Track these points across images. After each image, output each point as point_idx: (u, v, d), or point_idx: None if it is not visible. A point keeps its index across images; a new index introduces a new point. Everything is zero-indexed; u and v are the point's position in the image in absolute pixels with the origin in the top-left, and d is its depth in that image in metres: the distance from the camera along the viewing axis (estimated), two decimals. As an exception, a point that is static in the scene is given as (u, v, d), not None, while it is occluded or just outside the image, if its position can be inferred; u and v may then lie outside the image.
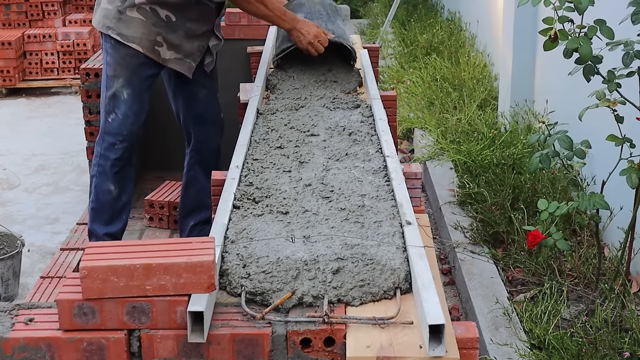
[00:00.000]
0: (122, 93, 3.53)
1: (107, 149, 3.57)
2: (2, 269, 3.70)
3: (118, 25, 3.49)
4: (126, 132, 3.55)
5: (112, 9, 3.51)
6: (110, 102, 3.54)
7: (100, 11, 3.56)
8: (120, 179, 3.62)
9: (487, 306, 3.49)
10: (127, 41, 3.48)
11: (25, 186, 5.33)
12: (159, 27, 3.49)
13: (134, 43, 3.48)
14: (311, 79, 3.45)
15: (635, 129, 3.19)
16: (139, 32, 3.48)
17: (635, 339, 3.01)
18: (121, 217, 3.70)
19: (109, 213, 3.65)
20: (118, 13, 3.49)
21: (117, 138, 3.56)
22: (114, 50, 3.53)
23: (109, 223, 3.66)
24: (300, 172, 2.49)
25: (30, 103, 7.43)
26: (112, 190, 3.62)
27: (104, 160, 3.59)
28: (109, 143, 3.57)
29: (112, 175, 3.60)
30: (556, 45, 3.08)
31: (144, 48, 3.50)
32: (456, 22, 8.17)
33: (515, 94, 5.40)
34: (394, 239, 2.04)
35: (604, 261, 3.61)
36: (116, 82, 3.53)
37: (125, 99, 3.53)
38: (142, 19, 3.48)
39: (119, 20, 3.49)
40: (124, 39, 3.49)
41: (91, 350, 1.73)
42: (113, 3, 3.51)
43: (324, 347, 1.74)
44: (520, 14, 5.21)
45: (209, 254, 1.74)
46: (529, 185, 4.28)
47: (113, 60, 3.53)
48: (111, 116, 3.55)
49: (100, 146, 3.60)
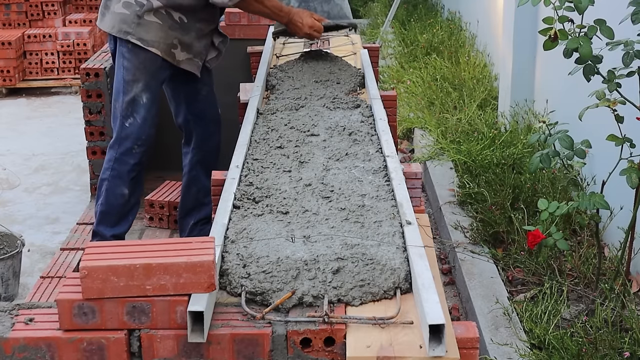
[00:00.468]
0: (141, 97, 3.52)
1: (124, 153, 3.55)
2: (2, 268, 3.70)
3: (137, 30, 3.48)
4: (145, 136, 3.55)
5: (130, 14, 3.49)
6: (128, 106, 3.52)
7: (113, 15, 3.53)
8: (135, 183, 3.62)
9: (487, 306, 3.49)
10: (147, 45, 3.49)
11: (25, 186, 5.33)
12: (174, 29, 3.52)
13: (153, 47, 3.49)
14: (311, 79, 3.45)
15: (635, 129, 3.19)
16: (157, 36, 3.50)
17: (635, 338, 3.01)
18: (128, 219, 3.70)
19: (117, 215, 3.65)
20: (137, 18, 3.48)
21: (136, 142, 3.54)
22: (131, 54, 3.51)
23: (115, 225, 3.65)
24: (300, 172, 2.49)
25: (30, 103, 7.43)
26: (125, 194, 3.61)
27: (120, 164, 3.56)
28: (126, 148, 3.54)
29: (128, 180, 3.59)
30: (556, 44, 3.08)
31: (162, 51, 3.51)
32: (456, 22, 8.17)
33: (515, 94, 5.40)
34: (394, 239, 2.04)
35: (604, 261, 3.61)
36: (135, 86, 3.52)
37: (144, 103, 3.53)
38: (160, 23, 3.49)
39: (138, 25, 3.48)
40: (144, 44, 3.49)
41: (91, 350, 1.73)
42: (130, 7, 3.49)
43: (324, 347, 1.74)
44: (520, 14, 5.21)
45: (209, 254, 1.74)
46: (529, 185, 4.28)
47: (131, 64, 3.52)
48: (129, 120, 3.53)
49: (115, 151, 3.56)
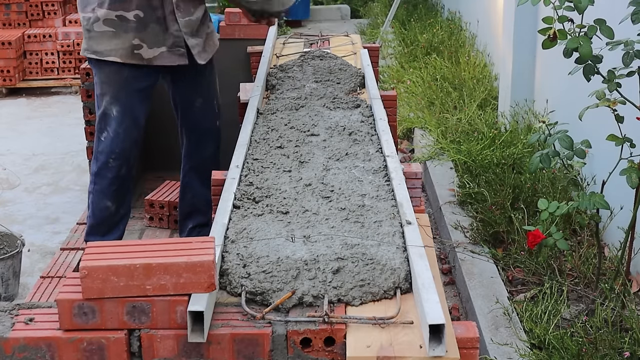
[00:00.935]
0: (111, 111, 3.50)
1: (102, 167, 3.55)
2: (2, 268, 3.70)
3: (90, 43, 3.47)
4: (118, 149, 3.52)
5: (83, 30, 3.50)
6: (101, 120, 3.53)
7: None
8: (118, 195, 3.62)
9: (487, 306, 3.49)
10: (103, 56, 3.45)
11: (25, 186, 5.33)
12: (131, 30, 3.43)
13: (110, 56, 3.44)
14: (311, 79, 3.45)
15: (635, 129, 3.19)
16: (112, 44, 3.43)
17: (635, 338, 3.01)
18: (118, 228, 3.72)
19: (106, 226, 3.67)
20: (87, 32, 3.47)
21: (110, 156, 3.53)
22: (97, 69, 3.52)
23: (106, 234, 3.68)
24: (300, 171, 2.49)
25: (30, 103, 7.42)
26: (110, 207, 3.62)
27: (100, 178, 3.57)
28: (102, 162, 3.54)
29: (110, 193, 3.59)
30: (555, 44, 3.08)
31: (122, 57, 3.44)
32: (456, 22, 8.17)
33: (515, 94, 5.40)
34: (394, 239, 2.04)
35: (604, 261, 3.61)
36: (104, 99, 3.51)
37: (115, 116, 3.50)
38: (113, 30, 3.43)
39: (89, 38, 3.47)
40: (100, 55, 3.45)
41: (91, 350, 1.73)
42: (83, 24, 3.49)
43: (324, 347, 1.74)
44: (520, 14, 5.21)
45: (209, 254, 1.74)
46: (529, 185, 4.28)
47: (98, 79, 3.52)
48: (103, 134, 3.53)
49: (95, 165, 3.59)
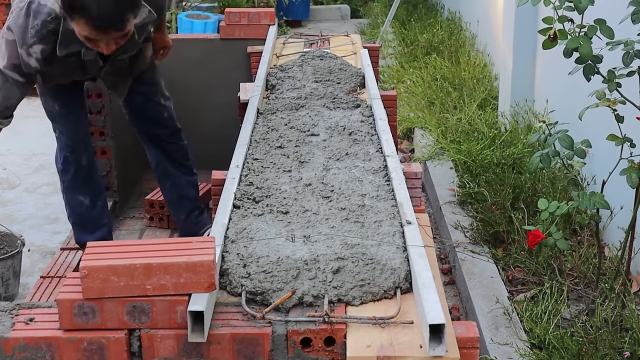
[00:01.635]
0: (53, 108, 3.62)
1: (64, 163, 3.67)
2: (2, 268, 3.70)
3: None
4: (71, 141, 3.63)
5: None
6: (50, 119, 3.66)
7: None
8: (88, 187, 3.71)
9: (487, 306, 3.49)
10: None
11: (25, 186, 5.32)
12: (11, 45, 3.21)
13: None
14: (311, 79, 3.45)
15: (635, 129, 3.19)
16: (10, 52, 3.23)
17: (635, 338, 3.01)
18: (103, 222, 3.78)
19: (90, 222, 3.74)
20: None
21: (67, 150, 3.65)
22: None
23: (95, 230, 3.74)
24: (300, 171, 2.49)
25: (30, 103, 7.38)
26: (83, 200, 3.71)
27: (65, 174, 3.69)
28: (63, 157, 3.66)
29: (78, 186, 3.69)
30: (555, 44, 3.08)
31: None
32: (456, 22, 8.16)
33: (515, 94, 5.40)
34: (394, 239, 2.04)
35: (604, 261, 3.61)
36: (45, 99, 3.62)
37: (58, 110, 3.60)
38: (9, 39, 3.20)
39: None
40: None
41: (91, 350, 1.74)
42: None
43: (324, 347, 1.74)
44: (520, 14, 5.21)
45: (209, 254, 1.74)
46: (529, 184, 4.28)
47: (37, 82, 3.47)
48: (56, 132, 3.66)
49: (58, 162, 3.70)
